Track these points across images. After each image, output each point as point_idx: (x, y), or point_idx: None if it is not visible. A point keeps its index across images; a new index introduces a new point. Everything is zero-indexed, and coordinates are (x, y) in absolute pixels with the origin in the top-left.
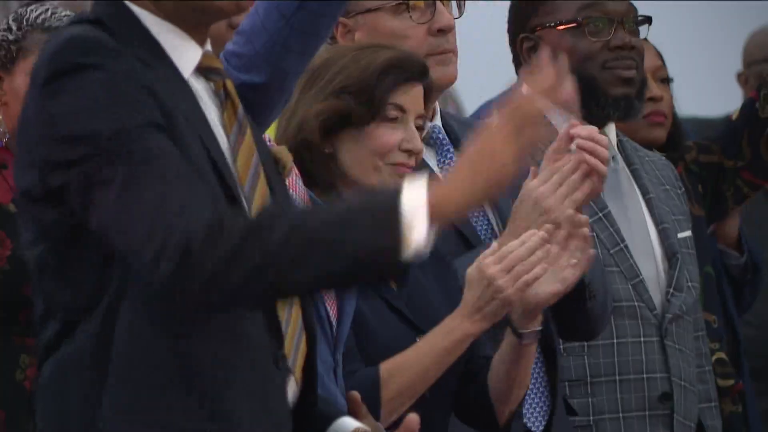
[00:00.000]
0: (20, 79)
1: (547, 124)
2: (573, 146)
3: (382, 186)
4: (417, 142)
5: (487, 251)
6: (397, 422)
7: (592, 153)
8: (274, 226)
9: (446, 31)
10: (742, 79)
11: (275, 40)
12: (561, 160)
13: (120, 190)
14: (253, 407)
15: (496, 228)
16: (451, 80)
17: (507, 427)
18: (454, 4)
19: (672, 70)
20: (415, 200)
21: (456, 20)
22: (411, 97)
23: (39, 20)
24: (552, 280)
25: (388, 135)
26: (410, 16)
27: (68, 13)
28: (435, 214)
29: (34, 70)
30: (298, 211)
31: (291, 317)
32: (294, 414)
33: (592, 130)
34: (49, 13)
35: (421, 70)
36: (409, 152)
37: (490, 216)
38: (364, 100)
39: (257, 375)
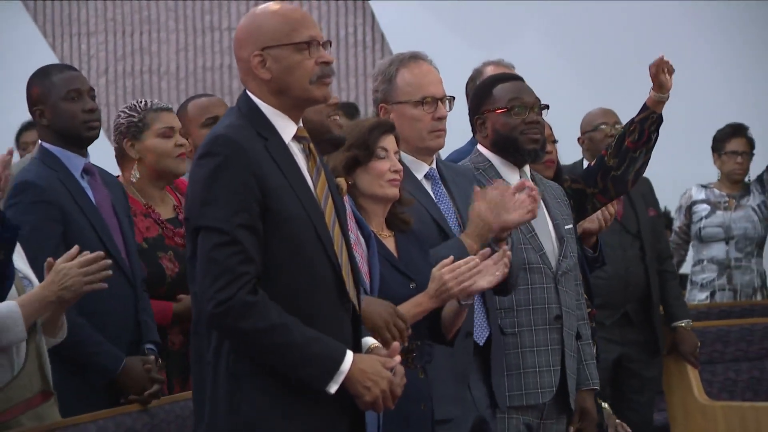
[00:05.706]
0: (149, 141)
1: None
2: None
3: (335, 345)
4: (398, 165)
5: (446, 261)
6: None
7: (534, 196)
8: (275, 328)
9: (443, 118)
10: (581, 141)
11: None
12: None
13: (207, 254)
14: (328, 332)
15: (461, 220)
16: (442, 147)
17: (452, 342)
18: (447, 102)
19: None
20: (346, 365)
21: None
22: (389, 141)
23: (149, 105)
24: (484, 280)
25: (381, 165)
26: (423, 109)
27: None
28: (348, 380)
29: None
30: (293, 326)
31: (350, 278)
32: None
33: (534, 186)
34: (151, 102)
35: (391, 126)
36: (396, 171)
37: (457, 213)
38: (363, 149)
39: (332, 309)
